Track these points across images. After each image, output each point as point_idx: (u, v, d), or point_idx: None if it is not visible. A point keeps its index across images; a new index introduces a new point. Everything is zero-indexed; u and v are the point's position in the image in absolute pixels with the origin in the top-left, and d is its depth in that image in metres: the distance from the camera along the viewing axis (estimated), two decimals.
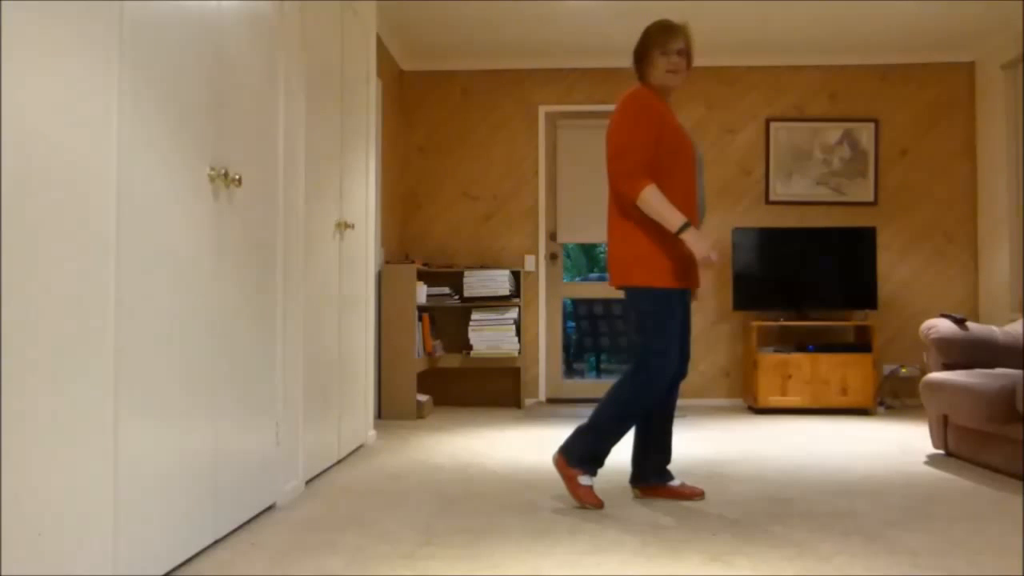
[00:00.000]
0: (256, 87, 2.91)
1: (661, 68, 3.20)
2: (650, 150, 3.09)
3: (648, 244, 3.11)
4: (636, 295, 3.15)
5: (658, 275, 3.11)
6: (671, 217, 3.04)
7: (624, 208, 3.15)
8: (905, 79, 6.50)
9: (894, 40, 6.16)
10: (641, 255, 3.11)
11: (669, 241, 3.11)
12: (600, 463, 3.17)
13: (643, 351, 3.13)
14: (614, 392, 3.15)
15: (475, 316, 6.15)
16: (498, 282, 6.11)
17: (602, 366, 7.81)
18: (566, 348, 6.64)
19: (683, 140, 3.19)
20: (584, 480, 3.13)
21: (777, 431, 5.11)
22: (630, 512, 3.06)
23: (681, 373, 3.31)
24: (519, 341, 6.14)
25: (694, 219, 3.24)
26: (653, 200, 3.04)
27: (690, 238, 3.04)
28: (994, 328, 4.32)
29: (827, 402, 5.91)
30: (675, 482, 3.30)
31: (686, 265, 3.16)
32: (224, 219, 2.62)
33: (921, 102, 6.50)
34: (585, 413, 5.77)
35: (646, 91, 3.18)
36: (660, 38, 3.21)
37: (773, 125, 6.51)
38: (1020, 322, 4.34)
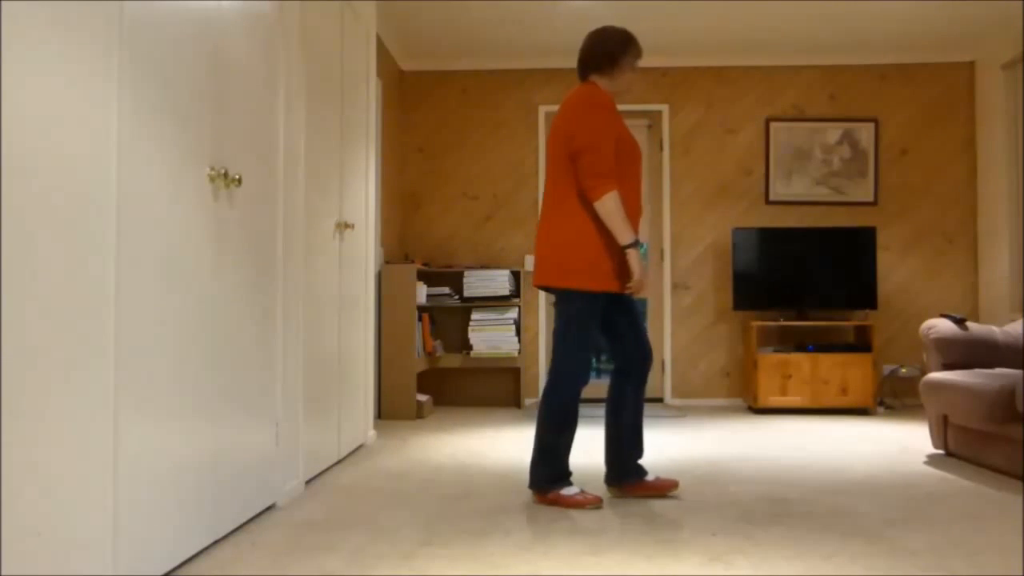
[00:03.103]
0: (256, 87, 2.91)
1: (628, 77, 3.27)
2: (611, 150, 3.11)
3: (595, 246, 3.12)
4: (570, 296, 3.16)
5: (599, 278, 3.12)
6: (625, 229, 3.08)
7: (580, 207, 3.13)
8: (905, 79, 6.50)
9: (894, 40, 6.16)
10: (588, 257, 3.11)
11: (612, 244, 3.13)
12: (568, 473, 3.21)
13: (564, 353, 3.15)
14: (544, 407, 3.20)
15: (475, 316, 6.15)
16: (498, 282, 6.11)
17: (601, 366, 7.80)
18: None
19: (632, 140, 3.22)
20: (567, 492, 3.15)
21: (777, 431, 5.11)
22: (629, 512, 3.06)
23: (645, 370, 3.32)
24: (519, 341, 6.14)
25: (638, 212, 3.25)
26: (612, 207, 3.06)
27: (635, 258, 3.08)
28: (994, 328, 4.32)
29: (827, 402, 5.91)
30: (649, 477, 3.32)
31: (624, 268, 3.17)
32: (224, 219, 2.62)
33: (921, 102, 6.50)
34: (585, 413, 5.77)
35: (604, 91, 3.20)
36: (635, 49, 3.27)
37: (773, 125, 6.51)
38: (1020, 322, 4.34)
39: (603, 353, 7.72)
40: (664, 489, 3.28)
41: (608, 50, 3.24)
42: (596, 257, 3.11)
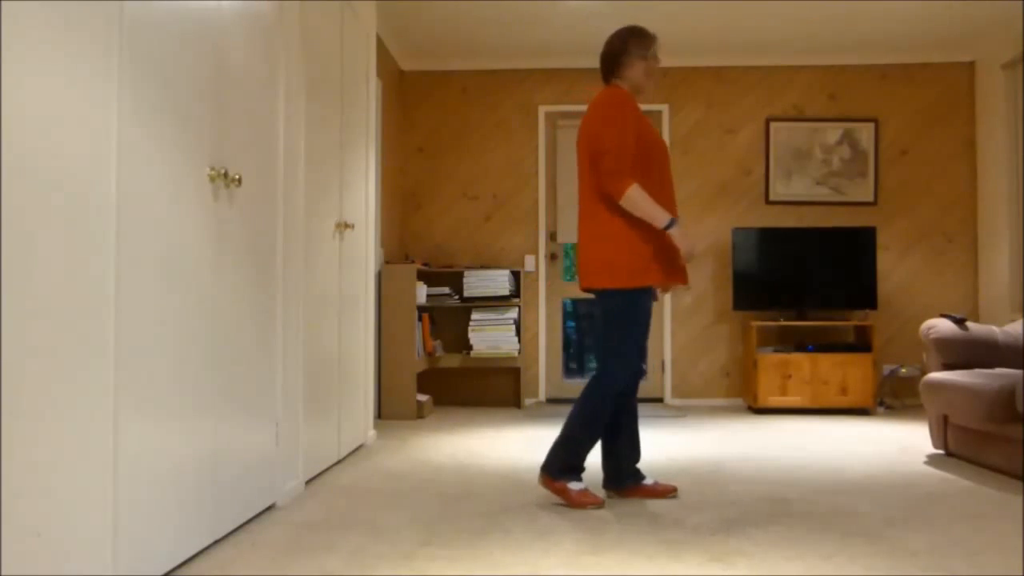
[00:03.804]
0: (256, 87, 2.91)
1: (641, 71, 3.29)
2: (632, 150, 3.12)
3: (613, 245, 3.13)
4: (607, 296, 3.17)
5: (631, 275, 3.13)
6: (657, 214, 3.09)
7: (606, 207, 3.16)
8: (905, 79, 6.50)
9: (894, 40, 6.16)
10: (614, 257, 3.13)
11: (647, 240, 3.13)
12: (582, 469, 3.21)
13: (607, 353, 3.17)
14: (581, 400, 3.20)
15: (475, 316, 6.15)
16: (498, 282, 6.11)
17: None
18: (566, 348, 6.64)
19: (657, 139, 3.25)
20: (574, 486, 3.15)
21: (777, 431, 5.11)
22: (630, 512, 3.06)
23: (640, 375, 3.32)
24: (519, 341, 6.14)
25: (674, 213, 3.25)
26: (638, 198, 3.08)
27: (677, 235, 3.11)
28: (994, 328, 4.32)
29: (827, 402, 5.91)
30: (648, 481, 3.32)
31: (666, 261, 3.18)
32: (224, 219, 2.62)
33: (921, 102, 6.50)
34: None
35: (624, 91, 3.22)
36: (642, 41, 3.30)
37: (773, 125, 6.51)
38: (1020, 322, 4.34)
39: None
40: (662, 494, 3.28)
41: (612, 52, 3.30)
42: (615, 256, 3.12)
